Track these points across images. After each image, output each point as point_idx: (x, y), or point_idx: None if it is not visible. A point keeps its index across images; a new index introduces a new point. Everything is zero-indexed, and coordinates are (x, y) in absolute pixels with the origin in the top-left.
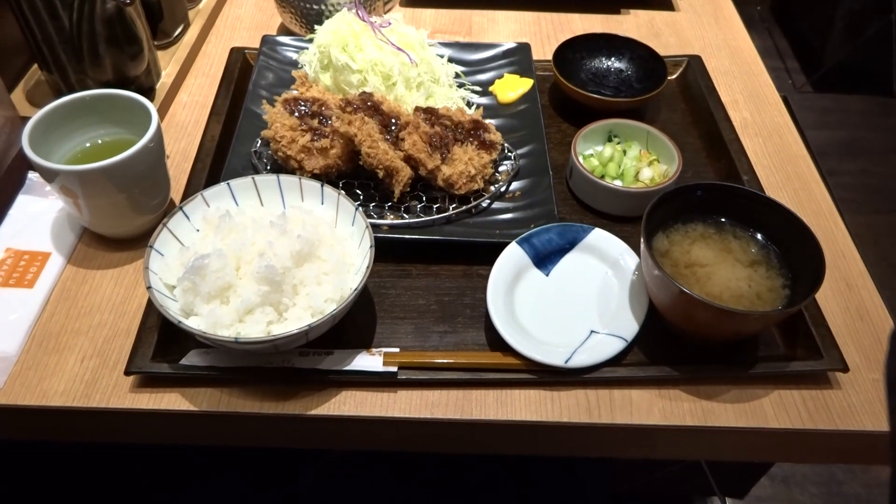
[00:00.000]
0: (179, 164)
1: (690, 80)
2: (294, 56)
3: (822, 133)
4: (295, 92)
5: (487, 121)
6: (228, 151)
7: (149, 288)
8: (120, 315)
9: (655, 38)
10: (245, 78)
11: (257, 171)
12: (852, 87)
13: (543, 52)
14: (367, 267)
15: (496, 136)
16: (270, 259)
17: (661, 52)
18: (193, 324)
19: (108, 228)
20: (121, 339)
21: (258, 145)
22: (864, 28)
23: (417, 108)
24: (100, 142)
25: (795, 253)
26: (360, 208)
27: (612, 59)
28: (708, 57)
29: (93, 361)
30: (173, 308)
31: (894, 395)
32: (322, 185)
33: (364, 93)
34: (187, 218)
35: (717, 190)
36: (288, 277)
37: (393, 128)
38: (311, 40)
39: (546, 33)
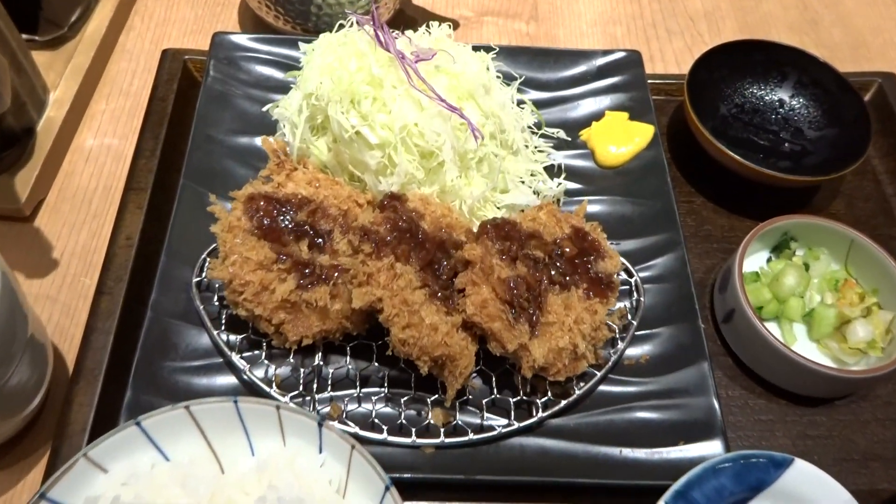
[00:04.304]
0: (74, 282)
1: (884, 118)
2: (267, 72)
3: None
4: (266, 184)
5: (586, 202)
6: (154, 278)
7: None
8: None
9: (812, 28)
10: (187, 106)
11: (204, 325)
12: None
13: (649, 50)
14: None
15: (613, 263)
16: None
17: (827, 56)
18: None
19: None
20: None
21: (205, 271)
22: None
23: (486, 226)
24: None
25: None
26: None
27: (770, 83)
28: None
29: None
30: None
31: None
32: (320, 427)
33: (390, 199)
34: None
35: None
36: None
37: (443, 266)
38: (297, 68)
39: (651, 19)
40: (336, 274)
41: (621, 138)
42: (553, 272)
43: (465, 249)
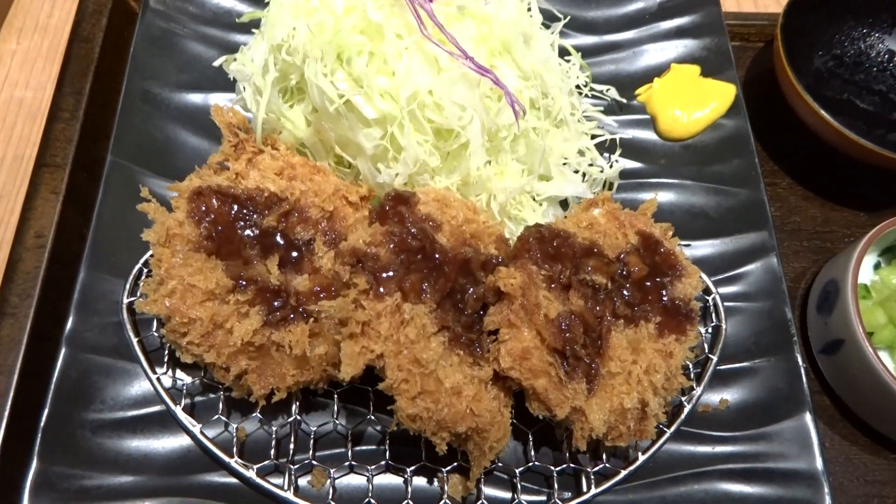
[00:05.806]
0: None
1: None
2: (227, 4)
3: None
4: (219, 174)
5: (655, 198)
6: (73, 295)
7: None
8: None
9: None
10: (120, 50)
11: (140, 364)
12: None
13: None
14: None
15: (693, 283)
16: None
17: None
18: None
19: None
20: None
21: (140, 288)
22: None
23: (527, 240)
24: None
25: None
26: None
27: (878, 28)
28: None
29: None
30: None
31: None
32: None
33: (394, 203)
34: None
35: None
36: None
37: (468, 295)
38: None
39: None
40: (315, 314)
41: (691, 101)
42: (617, 301)
43: (499, 276)
